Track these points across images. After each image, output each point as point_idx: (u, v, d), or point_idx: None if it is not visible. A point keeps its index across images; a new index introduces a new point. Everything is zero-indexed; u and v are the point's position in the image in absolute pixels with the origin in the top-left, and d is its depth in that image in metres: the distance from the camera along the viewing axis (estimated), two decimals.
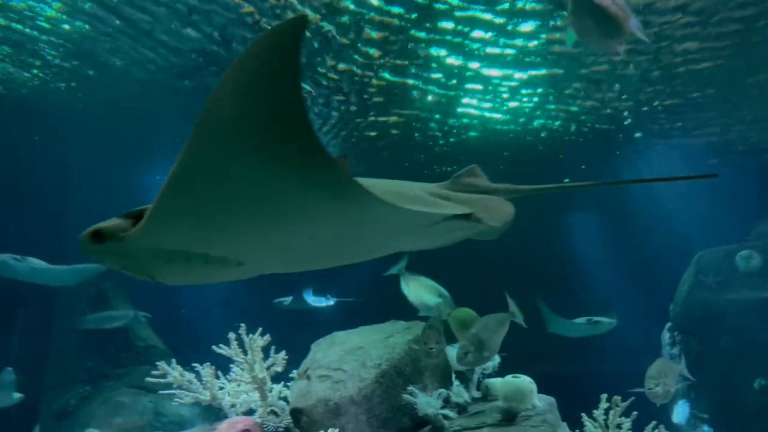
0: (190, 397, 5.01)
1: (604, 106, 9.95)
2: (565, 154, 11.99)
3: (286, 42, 1.43)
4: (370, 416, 4.31)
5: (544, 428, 4.04)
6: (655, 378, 4.28)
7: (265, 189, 1.74)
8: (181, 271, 2.11)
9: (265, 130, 1.57)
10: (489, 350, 3.89)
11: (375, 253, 2.52)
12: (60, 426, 10.77)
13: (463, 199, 2.56)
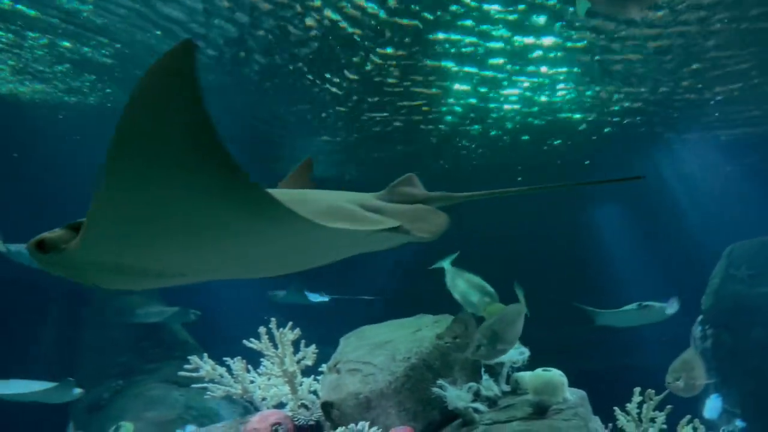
0: (222, 391, 5.08)
1: (636, 98, 9.80)
2: (597, 148, 11.84)
3: (180, 65, 1.45)
4: (400, 409, 4.32)
5: (576, 422, 4.01)
6: (677, 371, 4.18)
7: (179, 208, 1.77)
8: (125, 280, 2.17)
9: (169, 153, 1.59)
10: (504, 342, 3.81)
11: (311, 263, 2.61)
12: (93, 419, 10.99)
13: (395, 210, 2.61)
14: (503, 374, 4.97)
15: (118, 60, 8.36)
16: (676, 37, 7.58)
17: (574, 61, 8.38)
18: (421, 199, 2.70)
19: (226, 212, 1.81)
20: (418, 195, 2.72)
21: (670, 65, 8.56)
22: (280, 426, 4.55)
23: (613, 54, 8.18)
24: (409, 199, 2.69)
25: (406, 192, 2.71)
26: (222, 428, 4.73)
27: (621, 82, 9.15)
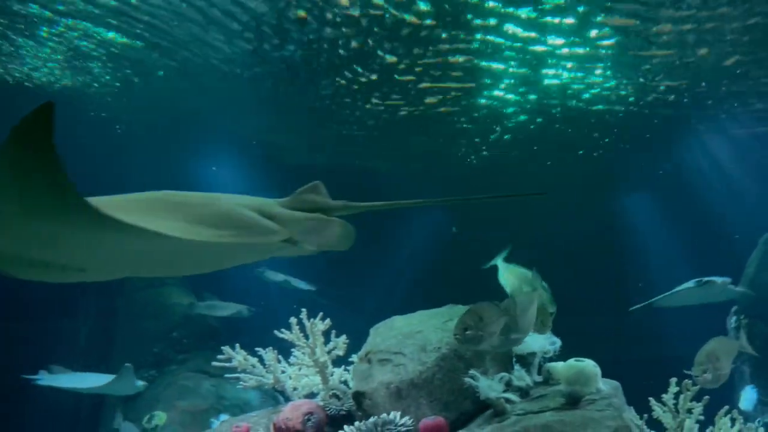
0: (254, 381, 5.14)
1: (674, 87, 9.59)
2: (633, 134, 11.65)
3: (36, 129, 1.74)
4: (431, 399, 4.32)
5: (610, 412, 3.96)
6: (704, 363, 4.05)
7: (29, 223, 2.06)
8: (33, 272, 2.37)
9: (19, 187, 1.90)
10: (517, 332, 3.74)
11: (212, 267, 2.80)
12: (127, 408, 11.22)
13: (292, 218, 2.67)
14: (535, 364, 4.93)
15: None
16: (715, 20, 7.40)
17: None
18: (322, 208, 2.79)
19: (60, 226, 2.10)
20: (320, 203, 2.81)
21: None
22: (312, 415, 4.58)
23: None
24: (311, 206, 2.78)
25: (309, 199, 2.80)
26: (255, 417, 4.78)
27: (659, 67, 8.94)
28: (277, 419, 4.61)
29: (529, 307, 3.81)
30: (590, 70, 9.17)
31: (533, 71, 9.11)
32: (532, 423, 3.91)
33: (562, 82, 9.53)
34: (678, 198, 13.56)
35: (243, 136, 12.33)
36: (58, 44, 8.36)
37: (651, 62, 8.74)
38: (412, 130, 11.53)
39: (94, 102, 10.35)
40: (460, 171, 13.07)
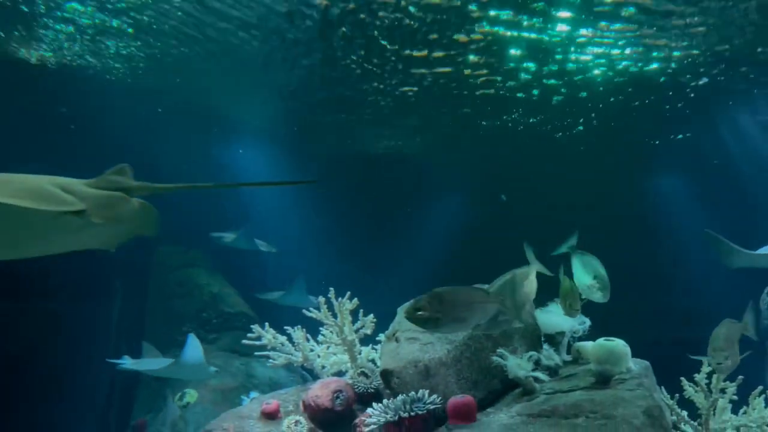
0: (283, 359, 5.21)
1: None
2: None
3: None
4: (459, 378, 4.33)
5: (641, 391, 3.92)
6: (724, 350, 3.88)
7: None
8: None
9: None
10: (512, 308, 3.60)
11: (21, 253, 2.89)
12: (159, 386, 11.46)
13: (91, 194, 2.79)
14: (564, 344, 4.91)
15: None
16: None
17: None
18: (123, 188, 2.91)
19: None
20: (122, 183, 2.93)
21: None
22: (341, 393, 4.63)
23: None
24: (113, 186, 2.89)
25: (112, 180, 2.91)
26: (284, 395, 4.85)
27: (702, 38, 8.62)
28: (307, 396, 4.67)
29: (520, 284, 3.64)
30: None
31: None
32: (562, 402, 3.89)
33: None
34: (715, 175, 13.27)
35: (274, 123, 12.35)
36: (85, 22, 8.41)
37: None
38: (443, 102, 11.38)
39: (124, 83, 10.43)
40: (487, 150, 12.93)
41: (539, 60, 9.40)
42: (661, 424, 3.63)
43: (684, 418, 4.40)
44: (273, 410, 4.54)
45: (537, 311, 4.95)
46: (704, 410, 4.23)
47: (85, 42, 8.86)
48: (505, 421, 3.90)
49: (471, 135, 12.53)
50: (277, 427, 4.47)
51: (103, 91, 10.12)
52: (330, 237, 13.59)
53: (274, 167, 13.67)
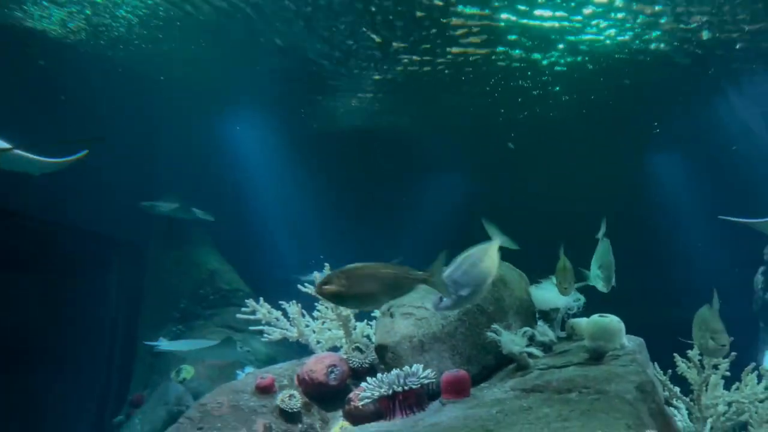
0: (278, 333, 5.22)
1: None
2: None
3: None
4: (453, 353, 4.34)
5: (634, 367, 3.93)
6: (723, 331, 3.79)
7: None
8: None
9: None
10: (466, 287, 3.55)
11: None
12: (156, 362, 11.51)
13: None
14: (558, 320, 4.93)
15: None
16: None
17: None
18: None
19: None
20: None
21: None
22: (335, 368, 4.64)
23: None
24: None
25: None
26: (280, 369, 4.86)
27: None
28: (301, 371, 4.68)
29: (478, 259, 3.57)
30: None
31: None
32: (555, 377, 3.90)
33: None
34: (708, 154, 13.23)
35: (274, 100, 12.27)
36: None
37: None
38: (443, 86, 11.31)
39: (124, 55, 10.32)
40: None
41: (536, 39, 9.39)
42: (654, 399, 3.64)
43: (676, 394, 4.43)
44: (267, 384, 4.54)
45: (532, 288, 4.96)
46: (696, 386, 4.26)
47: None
48: (498, 396, 3.91)
49: (467, 112, 12.49)
50: (271, 401, 4.48)
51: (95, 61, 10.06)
52: (327, 212, 13.58)
53: (271, 144, 13.61)
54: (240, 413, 4.32)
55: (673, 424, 3.83)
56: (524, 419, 3.28)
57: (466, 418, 3.54)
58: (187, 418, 4.28)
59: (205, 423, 4.21)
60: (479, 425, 3.29)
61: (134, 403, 10.75)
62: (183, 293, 12.10)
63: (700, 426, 4.28)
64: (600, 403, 3.33)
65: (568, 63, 10.38)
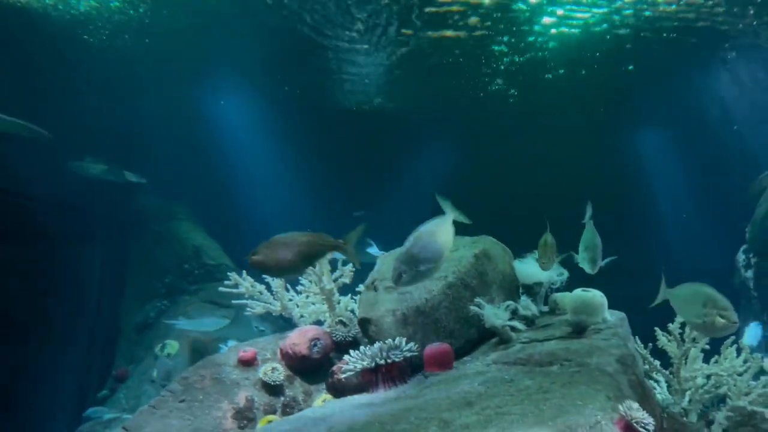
0: (261, 307, 5.19)
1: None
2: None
3: None
4: (437, 327, 4.34)
5: (615, 341, 3.95)
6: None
7: None
8: None
9: None
10: (426, 262, 3.56)
11: None
12: (141, 337, 11.49)
13: None
14: (541, 294, 4.94)
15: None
16: None
17: None
18: None
19: None
20: None
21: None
22: (318, 341, 4.64)
23: None
24: None
25: None
26: (262, 342, 4.85)
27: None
28: (284, 344, 4.67)
29: (433, 234, 3.56)
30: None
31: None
32: (537, 350, 3.92)
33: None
34: (691, 132, 13.29)
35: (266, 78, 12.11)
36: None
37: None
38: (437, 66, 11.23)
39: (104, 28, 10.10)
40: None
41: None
42: (634, 371, 3.67)
43: (656, 367, 4.47)
44: (250, 358, 4.53)
45: (516, 262, 4.97)
46: (676, 359, 4.30)
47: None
48: (480, 369, 3.92)
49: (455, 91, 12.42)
50: (254, 374, 4.47)
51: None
52: (313, 186, 13.52)
53: (260, 121, 13.47)
54: (222, 386, 4.31)
55: (652, 396, 3.86)
56: (506, 391, 3.29)
57: (448, 390, 3.54)
58: (169, 391, 4.26)
59: (187, 395, 4.19)
60: (461, 397, 3.29)
61: (119, 377, 10.74)
62: (168, 268, 12.04)
63: (678, 398, 4.33)
64: (581, 376, 3.34)
65: (556, 38, 10.32)
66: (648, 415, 2.80)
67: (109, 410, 9.29)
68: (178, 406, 4.13)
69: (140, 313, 11.64)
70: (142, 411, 4.11)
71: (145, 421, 4.02)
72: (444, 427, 2.77)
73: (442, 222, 3.60)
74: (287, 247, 3.53)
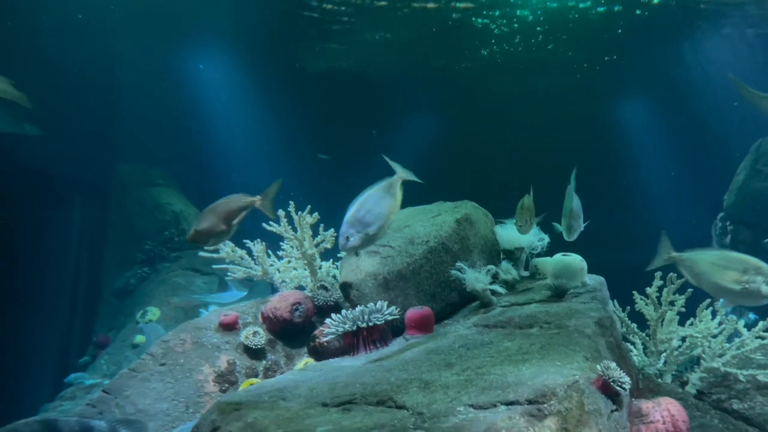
0: (242, 272, 5.16)
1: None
2: None
3: None
4: (418, 291, 4.36)
5: (594, 304, 4.01)
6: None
7: None
8: None
9: None
10: (371, 225, 3.52)
11: None
12: (121, 304, 11.44)
13: None
14: (522, 259, 4.98)
15: None
16: None
17: None
18: None
19: None
20: None
21: None
22: (300, 305, 4.64)
23: None
24: None
25: None
26: (243, 307, 4.83)
27: None
28: (265, 308, 4.66)
29: (378, 199, 3.52)
30: None
31: None
32: (517, 314, 3.95)
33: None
34: (673, 103, 13.34)
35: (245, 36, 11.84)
36: None
37: None
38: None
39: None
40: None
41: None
42: (612, 334, 3.72)
43: (634, 330, 4.55)
44: (231, 321, 4.52)
45: (497, 227, 4.99)
46: (653, 321, 4.37)
47: None
48: (461, 332, 3.95)
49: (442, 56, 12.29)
50: (235, 338, 4.47)
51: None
52: (298, 153, 13.40)
53: (237, 83, 13.23)
54: (203, 350, 4.30)
55: (628, 358, 3.94)
56: (486, 353, 3.32)
57: (429, 352, 3.57)
58: (150, 354, 4.25)
59: (167, 359, 4.18)
60: (441, 359, 3.32)
61: (99, 344, 10.70)
62: (148, 235, 11.93)
63: (654, 359, 4.41)
64: (560, 337, 3.38)
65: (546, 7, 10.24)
66: (624, 374, 2.85)
67: (90, 376, 9.27)
68: (159, 369, 4.12)
69: (120, 279, 11.56)
70: (122, 374, 4.10)
71: (125, 384, 4.01)
72: (424, 388, 2.79)
73: (390, 184, 3.57)
74: (207, 215, 3.84)
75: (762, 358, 4.36)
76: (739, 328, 4.37)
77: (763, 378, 4.10)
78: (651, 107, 13.82)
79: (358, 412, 2.61)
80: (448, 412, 2.46)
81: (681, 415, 2.98)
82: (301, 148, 13.38)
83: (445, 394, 2.68)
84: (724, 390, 4.19)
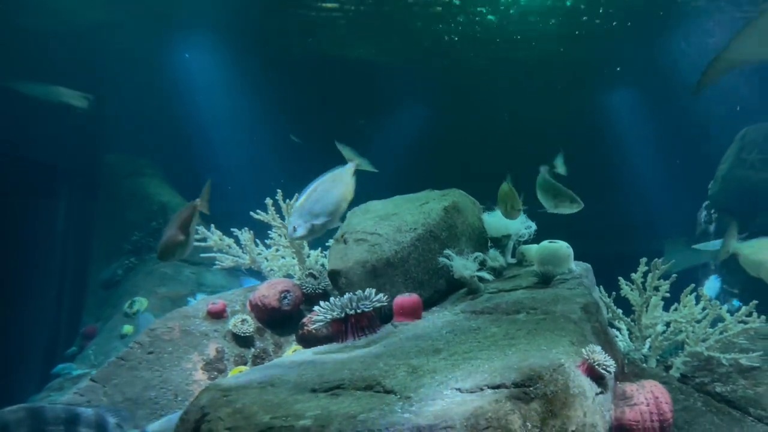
0: (230, 261, 5.16)
1: None
2: None
3: None
4: (406, 278, 4.37)
5: (580, 290, 4.05)
6: None
7: None
8: None
9: None
10: (321, 215, 3.50)
11: None
12: (108, 295, 11.38)
13: None
14: (509, 246, 5.01)
15: None
16: None
17: None
18: None
19: None
20: None
21: None
22: (288, 293, 4.64)
23: None
24: None
25: None
26: (231, 295, 4.84)
27: None
28: (253, 296, 4.67)
29: (329, 187, 3.51)
30: None
31: None
32: (504, 300, 3.99)
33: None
34: (659, 90, 13.40)
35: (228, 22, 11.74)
36: None
37: None
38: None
39: None
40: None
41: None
42: (598, 319, 3.77)
43: (619, 315, 4.60)
44: (219, 309, 4.52)
45: (484, 215, 5.01)
46: (638, 307, 4.43)
47: None
48: (449, 318, 3.98)
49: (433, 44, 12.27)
50: (223, 325, 4.47)
51: None
52: (282, 142, 13.33)
53: (228, 72, 13.14)
54: (191, 338, 4.31)
55: (614, 343, 3.99)
56: (473, 338, 3.35)
57: (417, 338, 3.59)
58: (138, 343, 4.24)
59: (155, 347, 4.18)
60: (429, 345, 3.35)
61: (87, 335, 10.66)
62: (136, 225, 11.87)
63: (639, 344, 4.47)
64: (546, 323, 3.42)
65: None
66: (609, 358, 2.89)
67: (77, 367, 9.24)
68: (147, 357, 4.12)
69: (107, 270, 11.50)
70: (110, 363, 4.10)
71: (113, 373, 4.00)
72: (412, 372, 2.81)
73: (342, 173, 3.54)
74: (167, 231, 4.10)
75: (744, 342, 4.43)
76: (722, 313, 4.44)
77: (746, 362, 4.17)
78: (637, 95, 13.89)
79: (346, 396, 2.63)
80: (436, 395, 2.49)
81: (665, 398, 3.03)
82: (288, 136, 13.31)
83: (432, 378, 2.70)
84: (707, 374, 4.26)
